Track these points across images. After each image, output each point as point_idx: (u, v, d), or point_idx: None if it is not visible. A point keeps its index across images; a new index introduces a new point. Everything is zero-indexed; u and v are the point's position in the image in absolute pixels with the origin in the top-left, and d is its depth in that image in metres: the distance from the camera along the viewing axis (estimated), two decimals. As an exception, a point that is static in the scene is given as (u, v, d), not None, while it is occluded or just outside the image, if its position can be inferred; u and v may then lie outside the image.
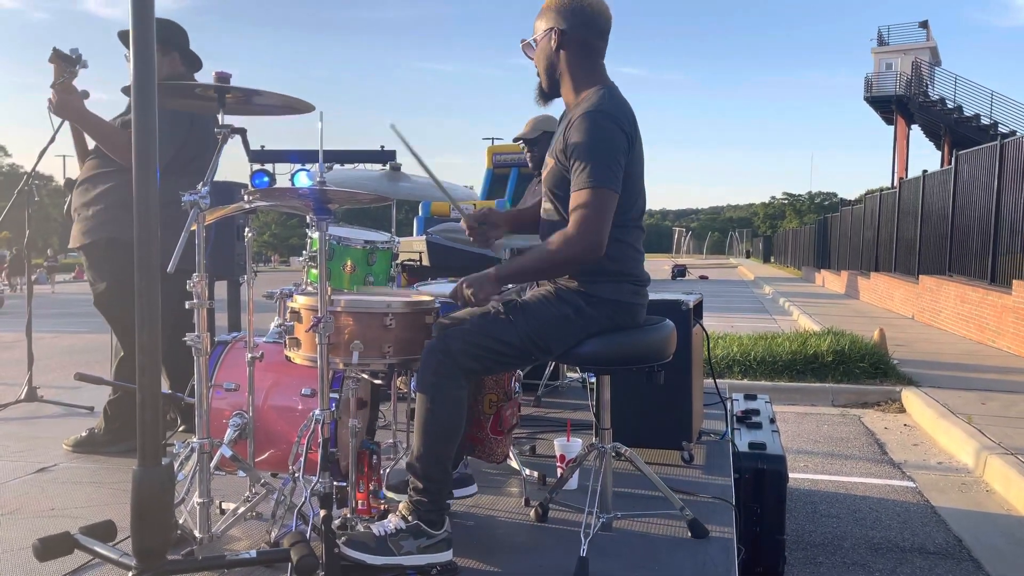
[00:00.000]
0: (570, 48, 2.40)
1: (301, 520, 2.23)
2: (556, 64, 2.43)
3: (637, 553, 2.35)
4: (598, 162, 2.23)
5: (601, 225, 2.23)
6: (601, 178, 2.22)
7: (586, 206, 2.22)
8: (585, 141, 2.25)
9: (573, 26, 2.38)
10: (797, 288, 25.80)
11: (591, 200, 2.22)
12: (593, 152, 2.24)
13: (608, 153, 2.25)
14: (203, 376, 2.21)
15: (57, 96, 3.33)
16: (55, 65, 3.33)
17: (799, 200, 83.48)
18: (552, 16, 2.41)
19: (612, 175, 2.24)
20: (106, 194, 3.47)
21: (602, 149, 2.24)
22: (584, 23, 2.39)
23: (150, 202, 1.62)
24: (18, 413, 4.46)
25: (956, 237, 12.59)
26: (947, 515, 4.56)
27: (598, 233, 2.22)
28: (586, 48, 2.41)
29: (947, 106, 30.09)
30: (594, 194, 2.22)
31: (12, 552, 2.39)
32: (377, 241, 2.76)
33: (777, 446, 3.72)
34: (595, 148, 2.24)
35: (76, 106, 3.37)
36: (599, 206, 2.22)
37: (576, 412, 4.14)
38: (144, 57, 1.62)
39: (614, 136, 2.27)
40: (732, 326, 11.97)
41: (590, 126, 2.25)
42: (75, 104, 3.37)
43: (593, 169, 2.22)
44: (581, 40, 2.40)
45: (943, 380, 8.02)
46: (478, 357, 2.24)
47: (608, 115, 2.28)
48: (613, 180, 2.24)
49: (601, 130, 2.25)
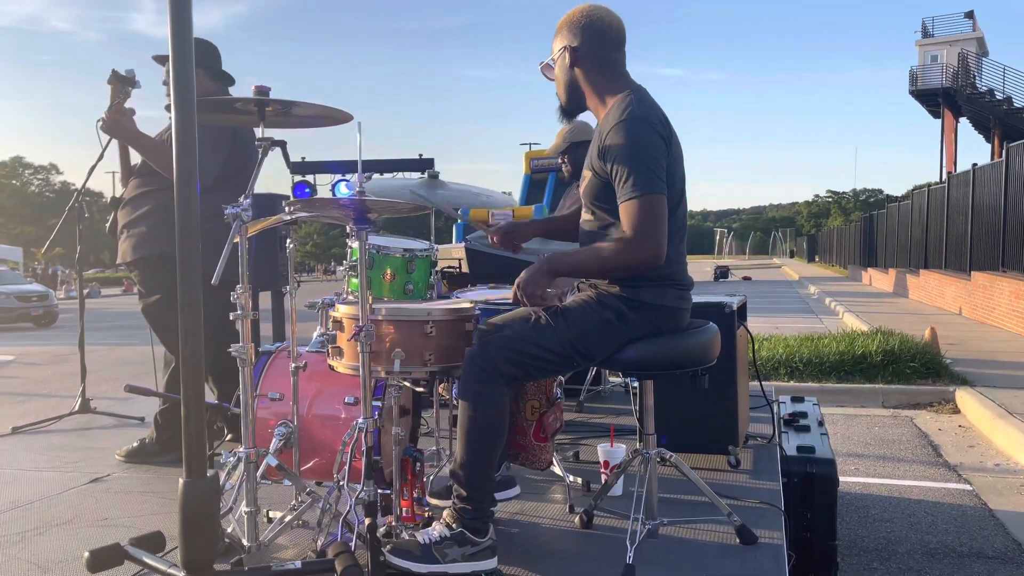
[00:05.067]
0: (585, 64, 2.41)
1: (346, 528, 2.24)
2: (575, 81, 2.44)
3: (684, 560, 2.32)
4: (640, 169, 2.21)
5: (658, 231, 2.21)
6: (646, 185, 2.21)
7: (640, 215, 2.20)
8: (623, 150, 2.23)
9: (585, 42, 2.39)
10: (843, 287, 25.32)
11: (642, 208, 2.20)
12: (632, 159, 2.22)
13: (648, 158, 2.23)
14: (248, 386, 2.24)
15: (110, 116, 3.43)
16: (112, 86, 3.44)
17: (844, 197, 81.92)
18: (564, 35, 2.43)
19: (656, 179, 2.23)
20: (154, 211, 3.56)
21: (641, 155, 2.23)
22: (595, 38, 2.39)
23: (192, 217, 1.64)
24: (72, 425, 4.57)
25: (1009, 231, 12.22)
26: (1006, 519, 4.42)
27: (657, 240, 2.21)
28: (600, 61, 2.41)
29: (996, 98, 29.33)
30: (644, 202, 2.20)
31: (67, 562, 2.44)
32: (416, 249, 2.77)
33: (826, 449, 3.64)
34: (634, 155, 2.23)
35: (128, 126, 3.47)
36: (652, 213, 2.21)
37: (619, 417, 4.11)
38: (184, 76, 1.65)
39: (650, 140, 2.25)
40: (777, 327, 11.78)
41: (625, 134, 2.24)
42: (127, 124, 3.47)
43: (637, 177, 2.21)
44: (594, 55, 2.40)
45: (999, 379, 7.79)
46: (519, 364, 2.23)
47: (640, 120, 2.27)
48: (658, 184, 2.23)
49: (637, 136, 2.24)
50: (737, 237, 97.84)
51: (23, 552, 2.54)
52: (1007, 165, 12.34)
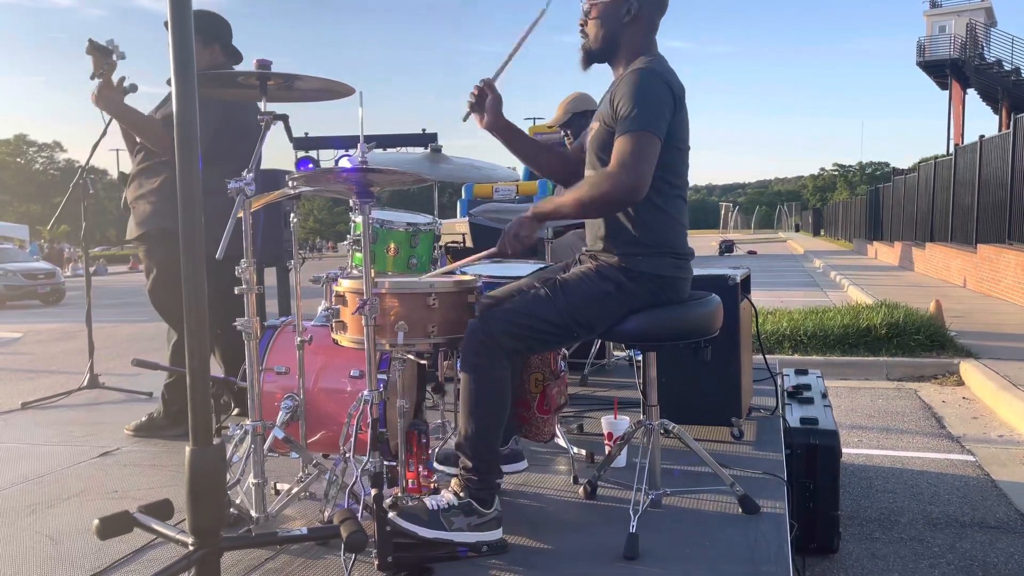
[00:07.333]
0: (638, 23, 2.41)
1: (353, 499, 2.27)
2: (618, 33, 2.42)
3: (687, 529, 2.34)
4: (642, 109, 2.22)
5: (642, 166, 2.21)
6: (644, 122, 2.21)
7: (627, 147, 2.21)
8: (631, 92, 2.25)
9: (650, 4, 2.40)
10: (849, 261, 25.26)
11: (633, 141, 2.21)
12: (638, 100, 2.23)
13: (654, 102, 2.24)
14: (254, 360, 2.25)
15: (97, 89, 3.41)
16: (92, 57, 3.39)
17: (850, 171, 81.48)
18: None
19: (656, 121, 2.23)
20: (156, 186, 3.55)
21: (648, 98, 2.24)
22: (660, 1, 2.42)
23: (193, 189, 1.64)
24: (81, 400, 4.61)
25: (1016, 203, 12.14)
26: (1008, 489, 4.45)
27: (638, 173, 2.20)
28: (650, 24, 2.43)
29: (1004, 68, 29.02)
30: (637, 136, 2.21)
31: (79, 533, 2.48)
32: (420, 223, 2.78)
33: (830, 421, 3.66)
34: (641, 97, 2.23)
35: (113, 99, 3.43)
36: (641, 148, 2.21)
37: (623, 391, 4.13)
38: (183, 47, 1.64)
39: (662, 91, 2.27)
40: (782, 301, 11.78)
41: (638, 80, 2.26)
42: (114, 98, 3.43)
43: (638, 114, 2.21)
44: (648, 17, 2.41)
45: (1004, 351, 7.79)
46: (520, 336, 2.24)
47: (657, 73, 2.29)
48: (656, 126, 2.23)
49: (649, 83, 2.26)
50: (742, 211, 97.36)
51: (34, 524, 2.58)
52: (1015, 136, 12.23)
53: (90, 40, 3.38)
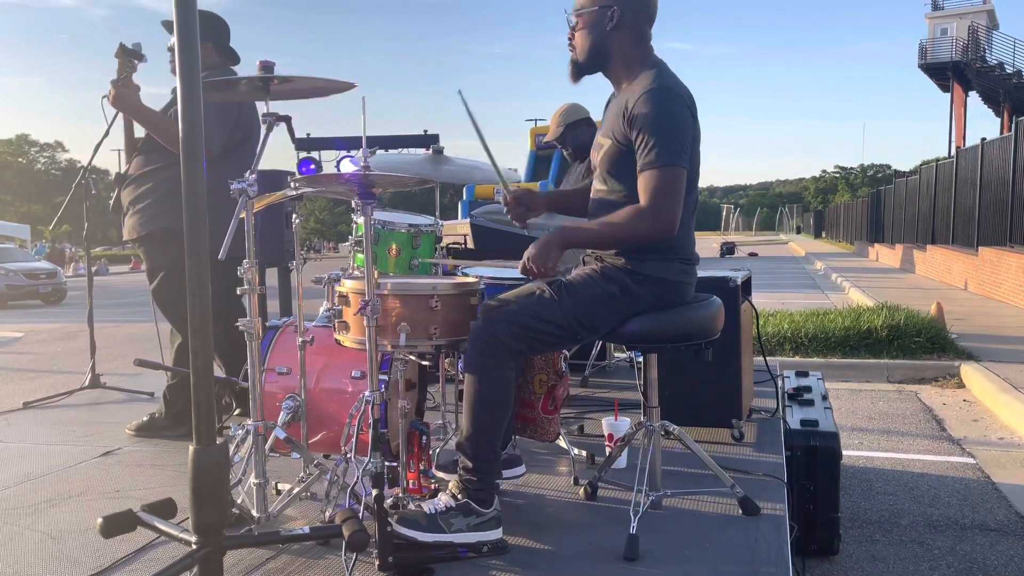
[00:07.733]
0: (623, 30, 2.38)
1: (354, 499, 2.27)
2: (606, 43, 2.39)
3: (687, 531, 2.34)
4: (667, 139, 2.21)
5: (675, 204, 2.22)
6: (670, 155, 2.21)
7: (658, 184, 2.21)
8: (652, 118, 2.22)
9: (631, 9, 2.36)
10: (850, 263, 25.25)
11: (662, 177, 2.20)
12: (661, 129, 2.22)
13: (676, 129, 2.24)
14: (255, 360, 2.26)
15: (116, 89, 3.43)
16: (120, 60, 3.44)
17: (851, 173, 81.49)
18: None
19: (681, 152, 2.23)
20: (159, 187, 3.58)
21: (670, 126, 2.23)
22: (642, 7, 2.39)
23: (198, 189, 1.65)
24: (83, 400, 4.62)
25: (1017, 206, 12.13)
26: (1009, 491, 4.45)
27: (671, 213, 2.22)
28: (638, 31, 2.40)
29: (1006, 71, 29.02)
30: (665, 172, 2.21)
31: (81, 532, 2.48)
32: (421, 225, 2.79)
33: (830, 423, 3.66)
34: (663, 125, 2.22)
35: (133, 99, 3.47)
36: (670, 184, 2.21)
37: (624, 392, 4.13)
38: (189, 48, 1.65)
39: (680, 113, 2.26)
40: (783, 303, 11.78)
41: (657, 102, 2.23)
42: (132, 98, 3.47)
43: (662, 147, 2.20)
44: (633, 24, 2.38)
45: (1004, 354, 7.79)
46: (523, 338, 2.24)
47: (671, 90, 2.27)
48: (682, 158, 2.23)
49: (668, 107, 2.24)
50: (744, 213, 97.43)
51: (36, 523, 2.59)
52: (1016, 139, 12.23)
53: (121, 44, 3.43)
